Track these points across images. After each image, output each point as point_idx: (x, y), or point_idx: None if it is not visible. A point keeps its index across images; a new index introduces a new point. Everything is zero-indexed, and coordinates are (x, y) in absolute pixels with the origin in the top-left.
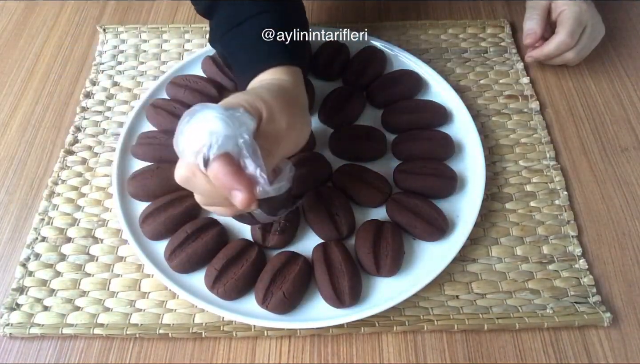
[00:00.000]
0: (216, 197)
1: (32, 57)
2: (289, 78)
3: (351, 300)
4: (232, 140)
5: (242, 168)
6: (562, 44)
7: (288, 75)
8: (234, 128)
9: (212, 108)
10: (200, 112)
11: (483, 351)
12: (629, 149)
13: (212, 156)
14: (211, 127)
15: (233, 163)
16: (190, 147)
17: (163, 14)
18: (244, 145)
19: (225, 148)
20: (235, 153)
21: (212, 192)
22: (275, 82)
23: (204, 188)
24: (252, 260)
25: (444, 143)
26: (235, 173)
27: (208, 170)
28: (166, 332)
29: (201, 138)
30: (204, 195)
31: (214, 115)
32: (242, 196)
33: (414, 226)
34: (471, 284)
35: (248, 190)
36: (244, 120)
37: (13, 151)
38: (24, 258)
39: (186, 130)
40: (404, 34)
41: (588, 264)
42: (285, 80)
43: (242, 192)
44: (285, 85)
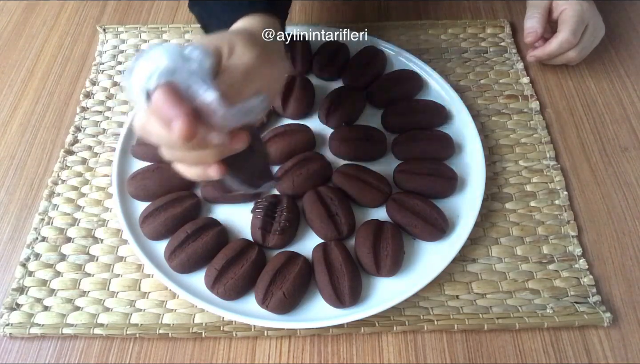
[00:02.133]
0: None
1: (32, 57)
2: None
3: (351, 300)
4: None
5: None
6: (564, 43)
7: (262, 22)
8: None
9: (159, 46)
10: (149, 50)
11: (483, 351)
12: (629, 149)
13: (151, 87)
14: (155, 63)
15: (174, 92)
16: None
17: (163, 14)
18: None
19: (167, 77)
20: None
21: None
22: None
23: (157, 132)
24: (252, 260)
25: (444, 143)
26: (175, 100)
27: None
28: (166, 332)
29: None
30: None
31: (160, 51)
32: (179, 124)
33: (414, 226)
34: (471, 284)
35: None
36: (193, 55)
37: (13, 151)
38: (24, 258)
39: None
40: (404, 34)
41: (588, 264)
42: (256, 25)
43: (180, 120)
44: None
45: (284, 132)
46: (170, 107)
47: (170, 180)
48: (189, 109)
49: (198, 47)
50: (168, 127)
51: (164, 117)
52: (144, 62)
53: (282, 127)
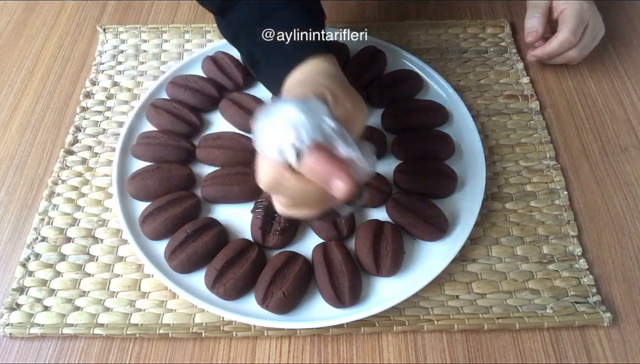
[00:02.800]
0: (308, 195)
1: (32, 57)
2: (330, 65)
3: (351, 299)
4: (318, 129)
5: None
6: (565, 42)
7: (328, 63)
8: (315, 116)
9: (287, 102)
10: (277, 108)
11: (483, 351)
12: (629, 149)
13: (304, 147)
14: (293, 120)
15: (327, 151)
16: (273, 145)
17: (163, 14)
18: (331, 130)
19: (315, 137)
20: (323, 142)
21: (302, 191)
22: (323, 69)
23: (294, 187)
24: (252, 260)
25: (444, 143)
26: (332, 160)
27: (301, 164)
28: (166, 332)
29: (285, 133)
30: (294, 195)
31: (291, 108)
32: (343, 185)
33: (414, 226)
34: (471, 284)
35: (349, 175)
36: (320, 107)
37: (13, 151)
38: (24, 258)
39: (265, 127)
40: (404, 34)
41: (588, 264)
42: (328, 67)
43: (343, 180)
44: (331, 70)
45: None
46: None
47: (170, 180)
48: (347, 168)
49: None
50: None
51: (322, 175)
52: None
53: None
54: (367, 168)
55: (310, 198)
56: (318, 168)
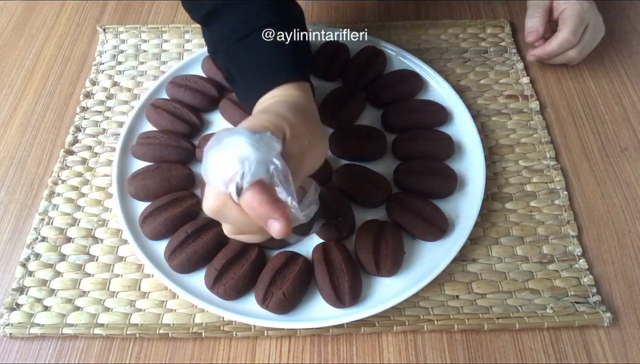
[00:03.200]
0: (248, 226)
1: (32, 57)
2: (301, 94)
3: (351, 299)
4: (263, 166)
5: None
6: (565, 42)
7: (299, 91)
8: (264, 153)
9: (239, 134)
10: (228, 138)
11: (483, 351)
12: (629, 149)
13: (245, 185)
14: (241, 154)
15: (267, 192)
16: (219, 176)
17: (163, 14)
18: (275, 171)
19: (258, 175)
20: (267, 180)
21: (244, 222)
22: (290, 98)
23: (236, 218)
24: (252, 260)
25: (444, 143)
26: (271, 201)
27: (241, 200)
28: (166, 332)
29: (231, 166)
30: (235, 225)
31: (243, 141)
32: (279, 226)
33: (414, 226)
34: (471, 284)
35: (285, 218)
36: (272, 144)
37: (13, 151)
38: (24, 258)
39: (214, 157)
40: (404, 34)
41: (588, 264)
42: (298, 96)
43: (278, 222)
44: (300, 101)
45: None
46: (269, 209)
47: (170, 180)
48: (284, 211)
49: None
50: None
51: (260, 215)
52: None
53: None
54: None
55: (253, 228)
56: (256, 207)
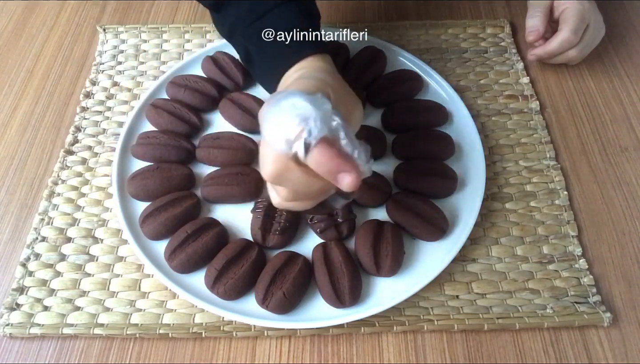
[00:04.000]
0: (310, 188)
1: (32, 57)
2: (327, 64)
3: (351, 300)
4: (326, 124)
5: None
6: (565, 41)
7: (324, 62)
8: (323, 111)
9: (296, 94)
10: (285, 100)
11: (483, 351)
12: (629, 149)
13: (313, 141)
14: (303, 112)
15: (335, 146)
16: (281, 137)
17: (163, 14)
18: (338, 126)
19: (324, 131)
20: (331, 136)
21: (307, 183)
22: (319, 68)
23: (298, 179)
24: (252, 260)
25: (444, 143)
26: (340, 155)
27: (309, 157)
28: (166, 332)
29: (296, 125)
30: (297, 187)
31: (301, 100)
32: (351, 178)
33: (414, 226)
34: (471, 284)
35: (356, 170)
36: (325, 103)
37: (13, 151)
38: (24, 258)
39: (274, 119)
40: (404, 34)
41: (588, 264)
42: (325, 66)
43: (350, 174)
44: (329, 68)
45: None
46: (339, 163)
47: (170, 180)
48: (354, 163)
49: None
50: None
51: (330, 170)
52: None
53: None
54: (366, 166)
55: (312, 191)
56: (326, 162)
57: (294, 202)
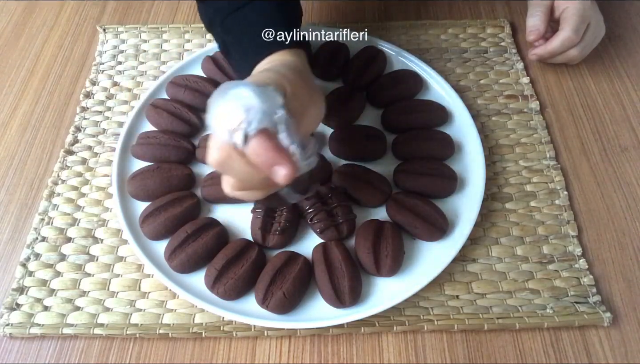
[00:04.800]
0: (251, 178)
1: (32, 57)
2: (297, 58)
3: (351, 299)
4: (268, 116)
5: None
6: (567, 40)
7: (295, 56)
8: (268, 103)
9: (244, 85)
10: (232, 89)
11: (483, 351)
12: (629, 149)
13: (251, 132)
14: (246, 103)
15: (273, 139)
16: (224, 125)
17: (163, 14)
18: (279, 120)
19: (264, 124)
20: (272, 129)
21: (248, 173)
22: (287, 62)
23: (240, 169)
24: (252, 260)
25: (444, 143)
26: (276, 148)
27: (248, 147)
28: (166, 332)
29: (237, 115)
30: (239, 176)
31: (247, 91)
32: (285, 171)
33: (414, 226)
34: (471, 284)
35: (290, 164)
36: (275, 97)
37: (13, 151)
38: (24, 258)
39: (219, 108)
40: (404, 34)
41: (588, 264)
42: (294, 60)
43: (284, 167)
44: (297, 64)
45: None
46: (275, 156)
47: (170, 180)
48: (289, 157)
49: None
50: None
51: (266, 162)
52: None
53: None
54: (304, 162)
55: (256, 181)
56: (262, 153)
57: (242, 192)
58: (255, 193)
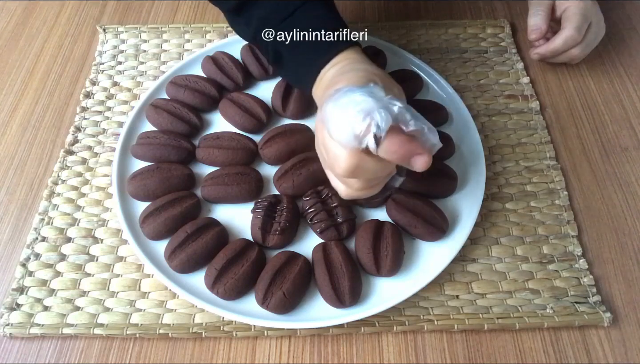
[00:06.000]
0: (383, 173)
1: (32, 57)
2: (360, 55)
3: (351, 300)
4: (390, 112)
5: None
6: (569, 39)
7: (358, 53)
8: (381, 101)
9: (353, 91)
10: (344, 98)
11: (483, 351)
12: (629, 149)
13: (382, 133)
14: (365, 107)
15: (402, 133)
16: (349, 133)
17: (163, 14)
18: (399, 111)
19: (390, 121)
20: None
21: (381, 171)
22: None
23: (373, 169)
24: (252, 260)
25: (444, 143)
26: (409, 140)
27: (380, 149)
28: (166, 332)
29: (359, 120)
30: (372, 176)
31: (360, 96)
32: (423, 159)
33: (414, 226)
34: (471, 284)
35: (427, 150)
36: (380, 93)
37: (13, 151)
38: (24, 258)
39: (339, 118)
40: (404, 34)
41: (588, 264)
42: (359, 57)
43: (422, 155)
44: (367, 59)
45: (284, 132)
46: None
47: (170, 180)
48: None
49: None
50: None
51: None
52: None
53: (282, 127)
54: (434, 138)
55: (383, 176)
56: (398, 150)
57: (365, 191)
58: (375, 189)
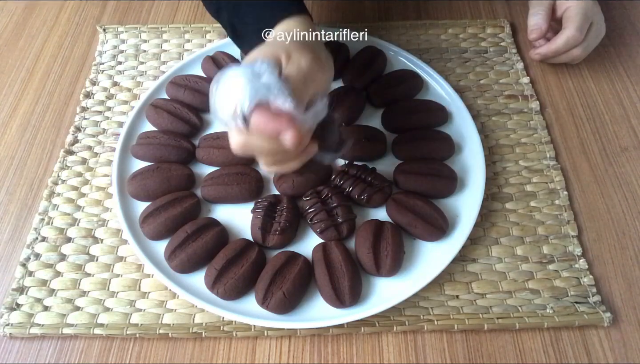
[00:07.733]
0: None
1: (32, 57)
2: (300, 25)
3: (351, 300)
4: (257, 90)
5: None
6: (571, 39)
7: (298, 23)
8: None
9: (231, 69)
10: (223, 77)
11: (483, 351)
12: (629, 149)
13: (247, 112)
14: (236, 85)
15: (268, 109)
16: (227, 113)
17: (163, 14)
18: (269, 88)
19: (255, 100)
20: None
21: (270, 146)
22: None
23: (260, 145)
24: (252, 260)
25: (444, 143)
26: (274, 117)
27: (250, 127)
28: (166, 332)
29: (231, 100)
30: (264, 152)
31: (234, 74)
32: (290, 134)
33: (414, 226)
34: (471, 284)
35: (292, 125)
36: (262, 69)
37: (13, 151)
38: (24, 258)
39: (216, 98)
40: (404, 34)
41: (588, 264)
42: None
43: (288, 131)
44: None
45: None
46: (275, 124)
47: (170, 180)
48: (290, 119)
49: (265, 61)
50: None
51: (270, 132)
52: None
53: None
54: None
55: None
56: (263, 127)
57: (277, 166)
58: (290, 164)
